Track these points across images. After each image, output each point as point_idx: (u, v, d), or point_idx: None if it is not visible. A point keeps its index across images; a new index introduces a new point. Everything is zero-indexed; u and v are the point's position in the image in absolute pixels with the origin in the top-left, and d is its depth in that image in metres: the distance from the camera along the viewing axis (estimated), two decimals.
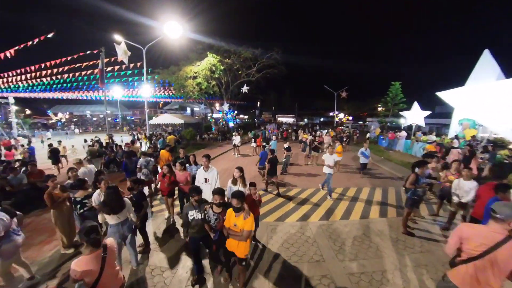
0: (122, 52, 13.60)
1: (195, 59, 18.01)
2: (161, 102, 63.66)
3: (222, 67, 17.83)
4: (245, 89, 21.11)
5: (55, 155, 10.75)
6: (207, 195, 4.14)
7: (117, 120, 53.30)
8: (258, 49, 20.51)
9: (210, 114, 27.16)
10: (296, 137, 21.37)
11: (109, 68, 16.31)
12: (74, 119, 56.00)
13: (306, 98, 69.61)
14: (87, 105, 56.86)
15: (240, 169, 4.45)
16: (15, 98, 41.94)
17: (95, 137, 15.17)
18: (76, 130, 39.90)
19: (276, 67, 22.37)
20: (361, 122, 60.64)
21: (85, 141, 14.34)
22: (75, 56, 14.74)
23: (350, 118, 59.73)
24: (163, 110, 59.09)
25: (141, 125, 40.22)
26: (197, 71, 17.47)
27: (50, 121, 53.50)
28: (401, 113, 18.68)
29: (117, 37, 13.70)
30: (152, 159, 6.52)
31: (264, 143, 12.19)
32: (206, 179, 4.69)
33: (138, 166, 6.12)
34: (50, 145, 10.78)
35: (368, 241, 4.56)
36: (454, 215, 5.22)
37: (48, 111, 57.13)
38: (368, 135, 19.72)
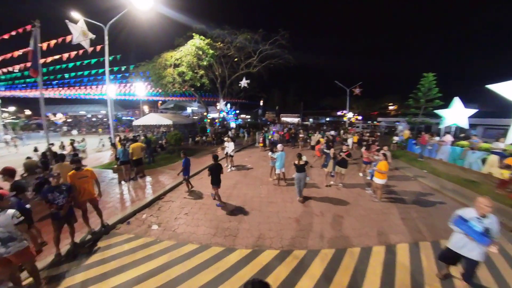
0: (79, 33, 10.30)
1: (183, 46, 14.58)
2: (160, 101, 60.71)
3: (212, 52, 14.10)
4: (244, 82, 17.41)
5: None
6: None
7: (115, 120, 51.01)
8: (259, 31, 16.74)
9: (205, 113, 23.75)
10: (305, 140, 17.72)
11: (66, 55, 12.58)
12: (69, 120, 53.47)
13: (311, 97, 66.48)
14: (81, 105, 54.44)
15: None
16: (13, 98, 39.54)
17: (50, 143, 11.97)
18: (74, 132, 36.37)
19: (281, 57, 18.69)
20: (370, 121, 56.88)
21: (35, 150, 11.12)
22: (6, 37, 11.05)
23: (360, 117, 55.87)
24: (162, 110, 55.90)
25: (130, 126, 36.88)
26: (179, 57, 13.83)
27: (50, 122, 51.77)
28: (438, 111, 14.98)
29: (74, 14, 10.49)
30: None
31: (270, 153, 8.64)
32: None
33: None
34: None
35: None
36: None
37: (47, 112, 55.69)
38: (395, 138, 16.06)
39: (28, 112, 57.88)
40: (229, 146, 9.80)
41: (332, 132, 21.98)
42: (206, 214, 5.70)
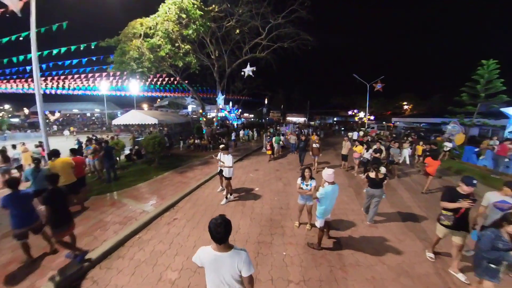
0: None
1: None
2: (159, 99, 57.10)
3: (199, 13, 9.70)
4: (248, 70, 13.47)
5: None
6: None
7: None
8: None
9: (200, 111, 20.03)
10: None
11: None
12: (60, 119, 50.32)
13: (318, 95, 63.14)
14: (73, 102, 51.33)
15: None
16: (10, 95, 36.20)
17: None
18: (66, 132, 32.46)
19: (295, 38, 14.63)
20: (384, 122, 52.91)
21: None
22: None
23: (372, 117, 51.88)
24: (162, 110, 52.13)
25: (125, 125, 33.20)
26: (153, 24, 9.51)
27: (48, 121, 49.42)
28: (506, 110, 11.18)
29: None
30: None
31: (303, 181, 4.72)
32: None
33: None
34: None
35: None
36: None
37: (45, 110, 53.28)
38: (447, 145, 12.17)
39: (26, 111, 55.33)
40: (225, 161, 5.99)
41: (355, 135, 18.20)
42: None
